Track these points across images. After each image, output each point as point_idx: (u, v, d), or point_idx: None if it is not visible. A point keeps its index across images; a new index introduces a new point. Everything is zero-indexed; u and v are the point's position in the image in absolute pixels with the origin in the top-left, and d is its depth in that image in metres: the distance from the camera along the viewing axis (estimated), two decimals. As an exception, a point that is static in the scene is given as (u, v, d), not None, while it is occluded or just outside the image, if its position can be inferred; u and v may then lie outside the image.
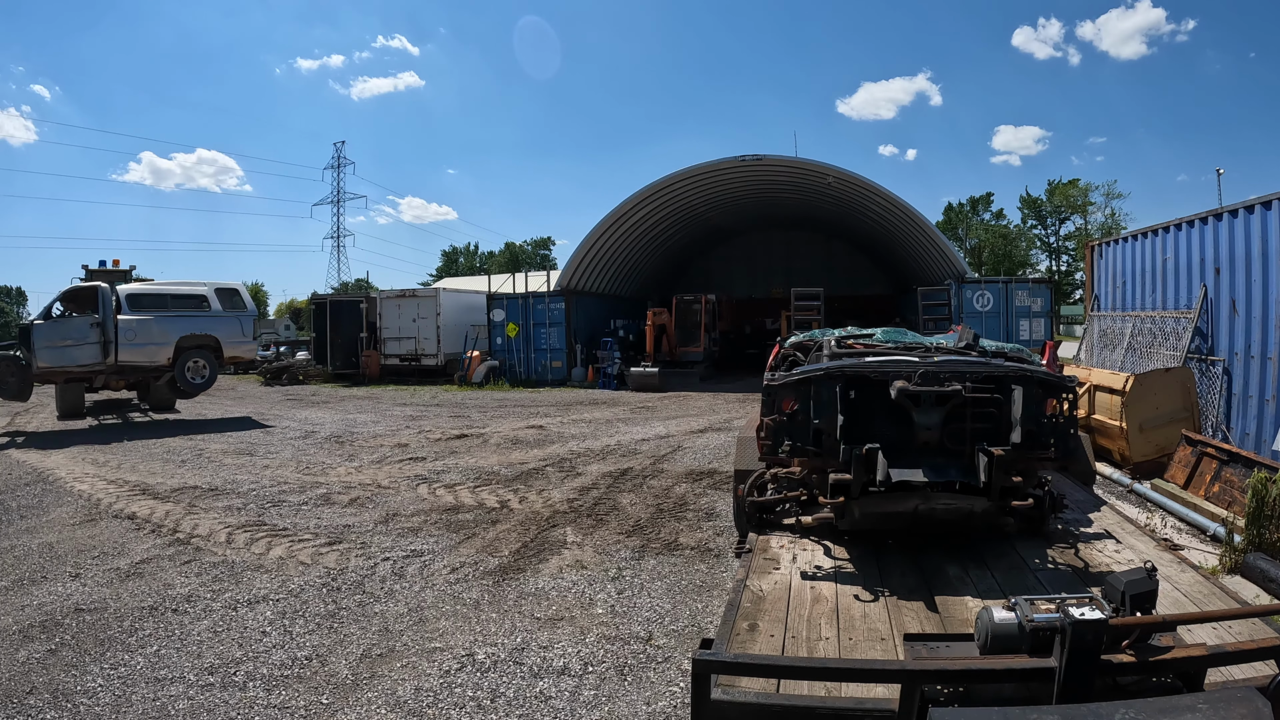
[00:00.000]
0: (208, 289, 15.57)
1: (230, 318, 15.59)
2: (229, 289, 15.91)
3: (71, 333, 14.04)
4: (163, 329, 14.79)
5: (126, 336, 14.33)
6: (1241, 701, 2.08)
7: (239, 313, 15.78)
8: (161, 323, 14.79)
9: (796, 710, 2.48)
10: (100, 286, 14.30)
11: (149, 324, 14.63)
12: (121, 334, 14.28)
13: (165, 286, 15.48)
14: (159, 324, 14.76)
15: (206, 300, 15.38)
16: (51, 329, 14.08)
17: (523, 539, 6.84)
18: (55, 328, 14.09)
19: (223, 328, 15.47)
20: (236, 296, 15.91)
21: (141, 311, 14.59)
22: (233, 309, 15.71)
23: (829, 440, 4.26)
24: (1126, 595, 2.41)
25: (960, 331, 5.40)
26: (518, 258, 78.20)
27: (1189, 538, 6.68)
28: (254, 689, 4.12)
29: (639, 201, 23.88)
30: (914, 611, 3.42)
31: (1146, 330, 11.92)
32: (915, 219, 22.29)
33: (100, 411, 17.13)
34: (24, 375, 14.41)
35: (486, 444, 12.26)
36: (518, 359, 24.16)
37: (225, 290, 15.79)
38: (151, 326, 14.66)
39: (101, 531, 7.34)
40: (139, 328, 14.48)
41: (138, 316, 14.51)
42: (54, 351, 13.93)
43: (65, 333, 14.05)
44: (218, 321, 15.42)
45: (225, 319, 15.51)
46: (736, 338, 30.69)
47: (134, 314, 14.48)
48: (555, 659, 4.42)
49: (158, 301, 14.92)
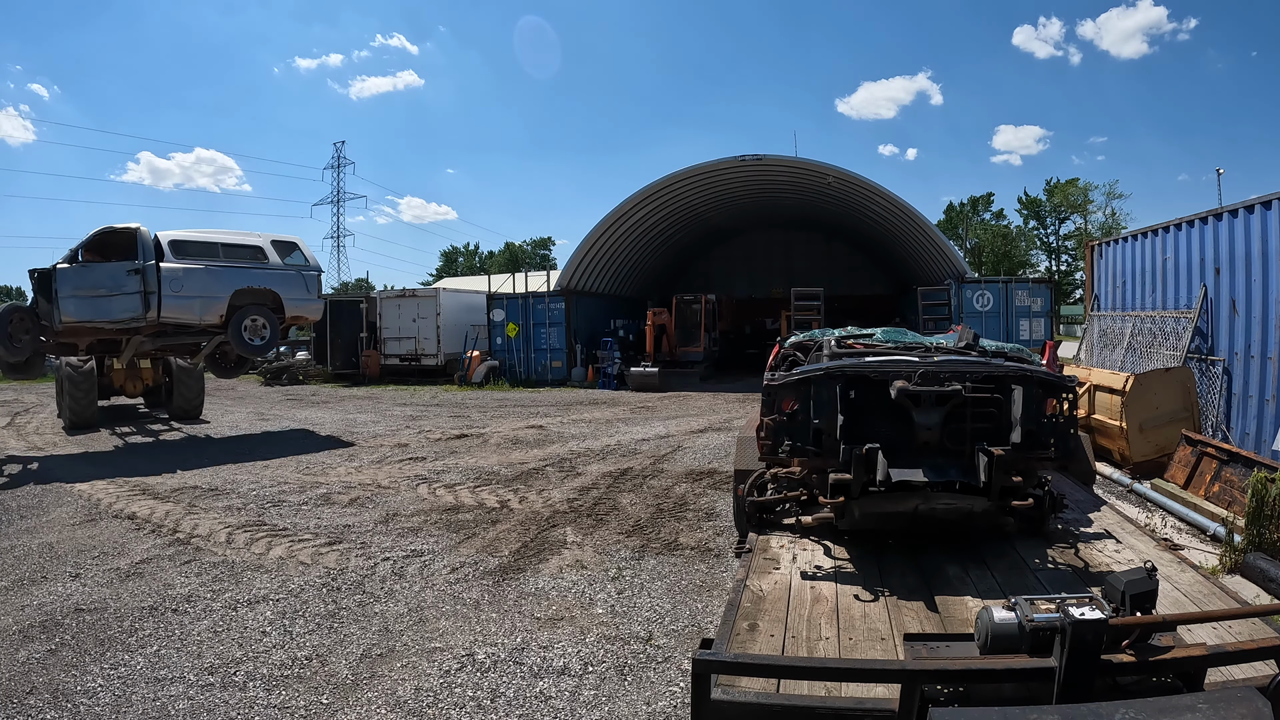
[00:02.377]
0: (263, 240, 13.17)
1: (292, 272, 13.17)
2: (287, 241, 13.56)
3: (105, 280, 11.49)
4: (214, 280, 12.29)
5: (172, 287, 11.84)
6: (1241, 701, 2.08)
7: (301, 267, 13.37)
8: (212, 273, 12.29)
9: (796, 710, 2.48)
10: (138, 229, 11.86)
11: (198, 273, 12.12)
12: (166, 284, 11.78)
13: (214, 234, 12.92)
14: (210, 275, 12.25)
15: (263, 252, 12.95)
16: (79, 274, 11.47)
17: (523, 539, 6.84)
18: (84, 273, 11.51)
19: (284, 283, 13.02)
20: (296, 250, 13.53)
21: (188, 260, 12.12)
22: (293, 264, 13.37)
23: (829, 440, 4.26)
24: (1126, 595, 2.41)
25: (960, 331, 5.40)
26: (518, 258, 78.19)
27: (1189, 538, 6.68)
28: (254, 689, 4.12)
29: (639, 201, 23.88)
30: (914, 611, 3.42)
31: (1146, 330, 11.92)
32: (915, 219, 22.29)
33: (112, 422, 15.15)
34: (40, 334, 11.79)
35: (486, 444, 12.27)
36: (518, 359, 24.17)
37: (283, 243, 13.44)
38: (201, 277, 12.16)
39: (101, 531, 7.33)
40: (186, 277, 12.00)
41: (184, 265, 12.03)
42: (83, 302, 11.38)
43: (97, 280, 11.48)
44: (278, 276, 12.96)
45: (286, 273, 13.09)
46: (736, 338, 30.70)
47: (179, 262, 12.01)
48: (555, 659, 4.42)
49: (207, 250, 12.45)
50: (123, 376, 15.39)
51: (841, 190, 23.56)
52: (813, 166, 22.55)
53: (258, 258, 12.86)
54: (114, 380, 15.28)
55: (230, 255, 12.61)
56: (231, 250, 12.69)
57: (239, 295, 12.48)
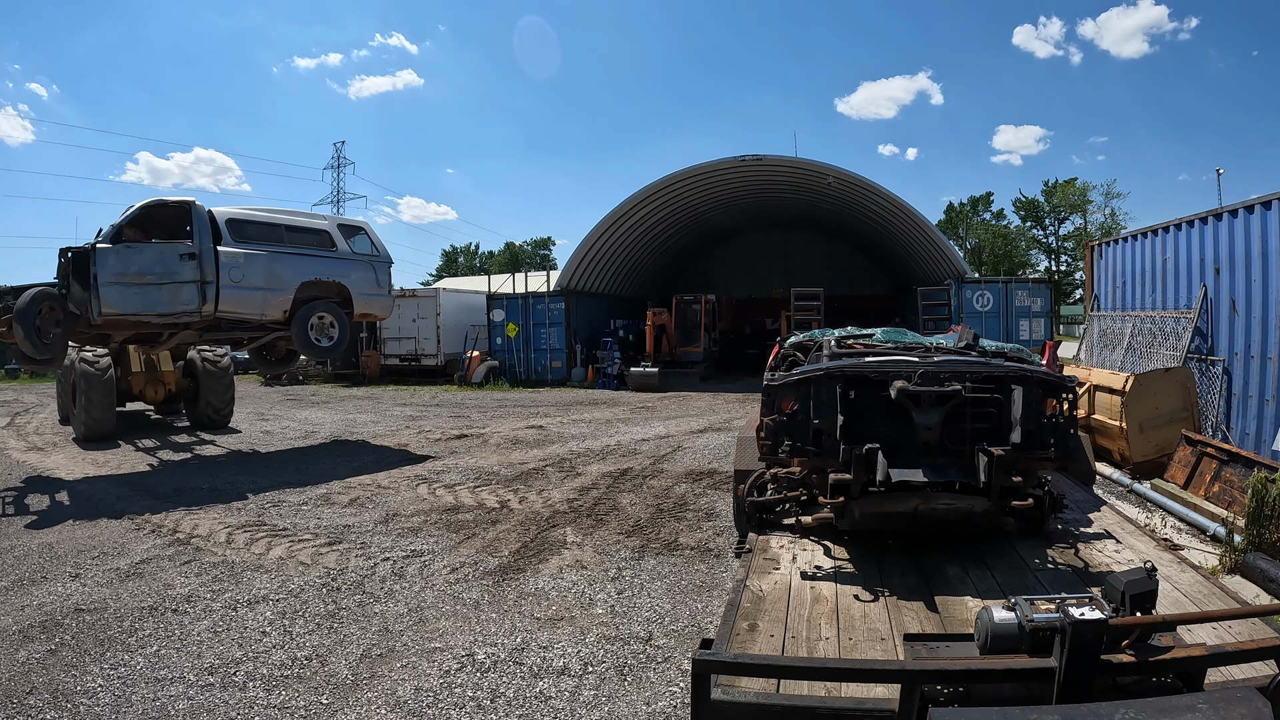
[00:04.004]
0: (329, 223, 11.56)
1: (361, 262, 11.51)
2: (354, 225, 11.92)
3: (154, 265, 9.71)
4: (279, 269, 10.58)
5: (231, 275, 10.08)
6: (1241, 701, 2.09)
7: (371, 256, 11.73)
8: (277, 260, 10.57)
9: (796, 710, 2.48)
10: (193, 204, 10.17)
11: (260, 260, 10.38)
12: (224, 272, 10.02)
13: (277, 215, 11.11)
14: (274, 262, 10.52)
15: (330, 237, 11.27)
16: (124, 257, 9.58)
17: (523, 539, 6.84)
18: (130, 256, 9.63)
19: (354, 274, 11.36)
20: (362, 236, 11.85)
21: (249, 244, 10.34)
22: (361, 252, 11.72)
23: (829, 440, 4.26)
24: (1126, 595, 2.41)
25: (960, 331, 5.40)
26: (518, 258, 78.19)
27: (1189, 538, 6.68)
28: (254, 689, 4.12)
29: (639, 201, 23.89)
30: (914, 611, 3.42)
31: (1146, 330, 11.92)
32: (915, 219, 22.30)
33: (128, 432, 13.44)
34: (72, 325, 9.84)
35: (486, 444, 12.27)
36: (518, 359, 24.17)
37: (349, 227, 11.78)
38: (264, 264, 10.42)
39: (101, 531, 7.33)
40: (248, 265, 10.23)
41: (245, 250, 10.25)
42: (127, 291, 9.53)
43: (145, 264, 9.69)
44: (347, 265, 11.30)
45: (356, 263, 11.43)
46: (736, 338, 30.70)
47: (239, 246, 10.24)
48: (555, 659, 4.42)
49: (270, 233, 10.70)
50: (143, 381, 13.77)
51: (841, 190, 23.57)
52: (813, 166, 22.56)
53: (324, 244, 11.18)
54: (133, 385, 13.67)
55: (295, 240, 10.89)
56: (296, 234, 10.95)
57: (305, 287, 10.79)
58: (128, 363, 13.55)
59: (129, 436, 13.08)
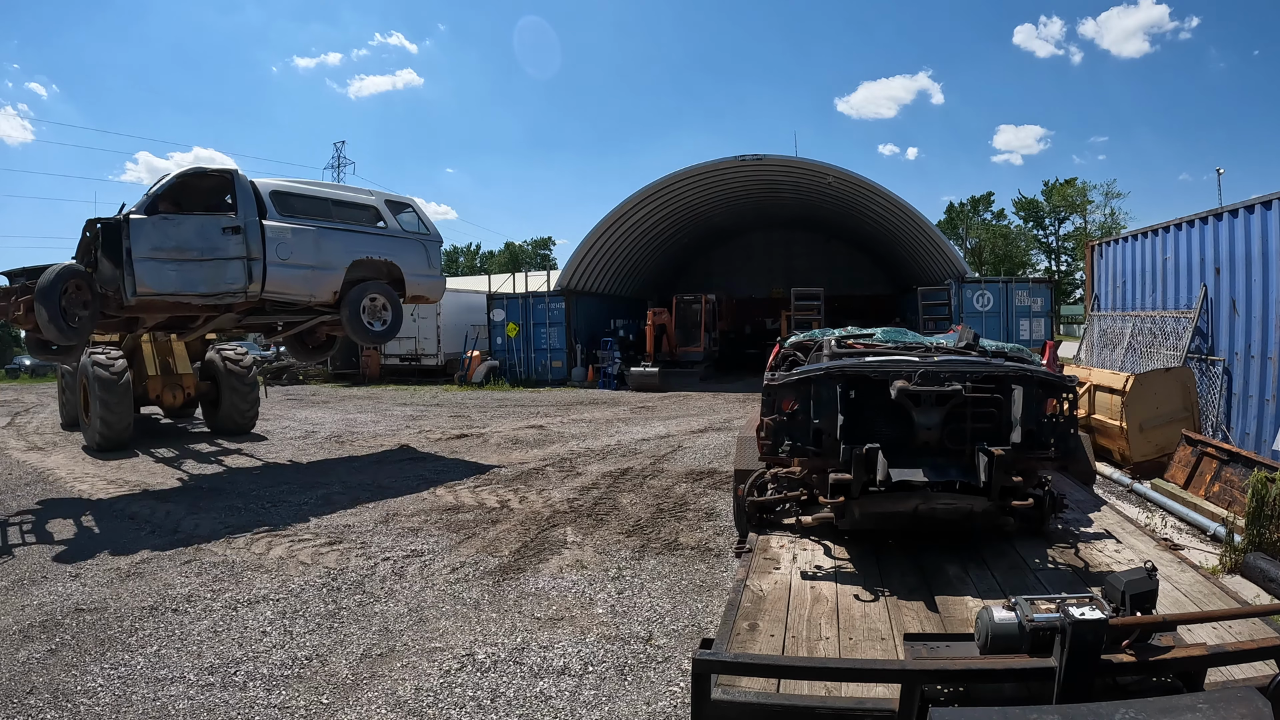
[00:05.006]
0: (376, 198, 10.55)
1: (412, 240, 10.66)
2: (401, 202, 10.89)
3: (195, 239, 8.66)
4: (328, 246, 9.64)
5: (279, 253, 9.13)
6: (1241, 701, 2.09)
7: (422, 235, 10.86)
8: (326, 237, 9.63)
9: (796, 710, 2.48)
10: (235, 173, 9.21)
11: (309, 236, 9.43)
12: (271, 248, 9.07)
13: (323, 188, 10.31)
14: (323, 239, 9.59)
15: (378, 213, 10.39)
16: (161, 230, 8.49)
17: (523, 539, 6.85)
18: (167, 229, 8.55)
19: (405, 253, 10.48)
20: (410, 213, 10.91)
21: (296, 219, 9.40)
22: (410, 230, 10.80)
23: (829, 440, 4.26)
24: (1126, 595, 2.41)
25: (960, 331, 5.40)
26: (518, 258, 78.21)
27: (1189, 538, 6.68)
28: (254, 689, 4.12)
29: (639, 201, 23.89)
30: (914, 611, 3.42)
31: (1146, 330, 11.92)
32: (915, 219, 22.30)
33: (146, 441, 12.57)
34: (100, 307, 8.63)
35: (487, 444, 12.27)
36: (518, 359, 24.18)
37: (397, 203, 10.77)
38: (313, 240, 9.48)
39: (101, 531, 7.33)
40: (296, 241, 9.29)
41: (292, 225, 9.32)
42: (165, 268, 8.46)
43: (185, 238, 8.61)
44: (399, 244, 10.43)
45: (407, 241, 10.57)
46: (736, 338, 30.71)
47: (285, 221, 9.29)
48: (555, 659, 4.42)
49: (316, 207, 9.79)
50: (160, 384, 12.79)
51: (841, 190, 23.57)
52: (813, 166, 22.56)
53: (372, 220, 10.29)
54: (149, 389, 12.72)
55: (343, 215, 9.99)
56: (344, 210, 10.07)
57: (356, 267, 9.90)
58: (142, 364, 12.72)
59: (143, 444, 12.29)
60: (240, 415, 13.36)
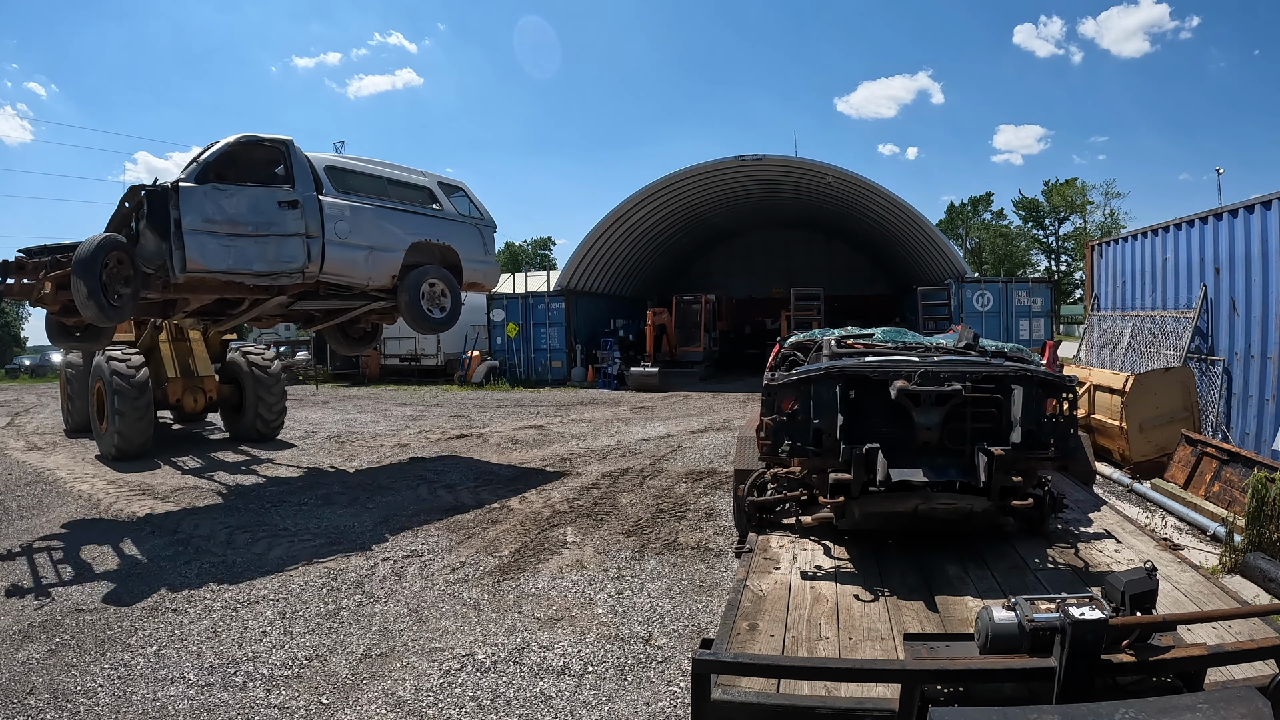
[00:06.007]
0: (429, 179, 9.83)
1: (468, 224, 9.95)
2: (453, 184, 10.15)
3: (249, 212, 7.83)
4: (388, 226, 8.92)
5: (337, 231, 8.37)
6: (1241, 701, 2.09)
7: (476, 219, 10.14)
8: (385, 217, 8.91)
9: (796, 710, 2.48)
10: (290, 143, 8.38)
11: (367, 215, 8.70)
12: (329, 226, 8.30)
13: (377, 166, 9.38)
14: (382, 218, 8.87)
15: (433, 195, 9.70)
16: (214, 200, 7.64)
17: (523, 539, 6.85)
18: (220, 199, 7.69)
19: (462, 237, 9.76)
20: (461, 196, 10.15)
21: (353, 196, 8.67)
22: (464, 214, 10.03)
23: (829, 440, 4.26)
24: (1126, 595, 2.41)
25: (960, 331, 5.40)
26: (518, 258, 78.17)
27: (1189, 538, 6.68)
28: (254, 689, 4.12)
29: (639, 201, 23.90)
30: (914, 611, 3.42)
31: (1146, 330, 11.92)
32: (915, 219, 22.31)
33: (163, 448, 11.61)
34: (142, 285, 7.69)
35: (486, 444, 12.27)
36: (518, 359, 24.19)
37: (449, 185, 10.05)
38: (371, 220, 8.74)
39: (101, 531, 7.33)
40: (355, 220, 8.55)
41: (350, 203, 8.57)
42: (218, 243, 7.61)
43: (239, 210, 7.78)
44: (455, 227, 9.71)
45: (463, 224, 9.86)
46: (736, 338, 30.73)
47: (342, 198, 8.54)
48: (555, 659, 4.42)
49: (372, 185, 9.03)
50: (180, 388, 11.89)
51: (841, 190, 23.57)
52: (813, 166, 22.57)
53: (428, 202, 9.60)
54: (168, 393, 11.79)
55: (400, 196, 9.30)
56: (400, 189, 9.37)
57: (414, 250, 9.17)
58: (160, 366, 11.86)
59: (161, 452, 11.41)
60: (266, 422, 12.54)
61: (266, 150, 8.28)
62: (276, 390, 12.62)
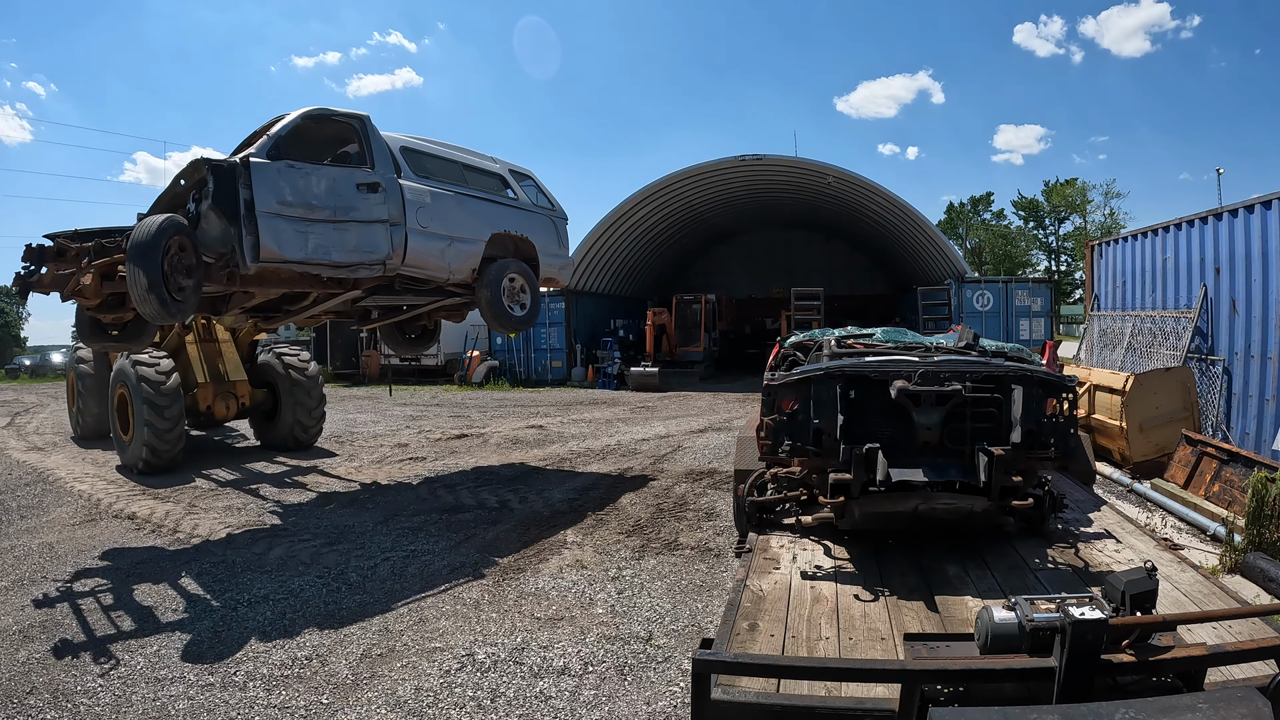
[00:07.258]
0: (502, 166, 8.98)
1: (543, 215, 9.17)
2: (523, 173, 9.31)
3: (327, 195, 6.86)
4: (469, 216, 8.05)
5: (419, 219, 7.48)
6: (1241, 701, 2.09)
7: (549, 210, 9.34)
8: (465, 205, 8.03)
9: (796, 710, 2.48)
10: (367, 119, 7.47)
11: (448, 202, 7.81)
12: (411, 213, 7.40)
13: (451, 150, 8.42)
14: (462, 206, 7.99)
15: (508, 184, 8.86)
16: (289, 179, 6.61)
17: (523, 539, 6.84)
18: (295, 179, 6.66)
19: (538, 229, 8.98)
20: (531, 185, 9.35)
21: (431, 181, 7.77)
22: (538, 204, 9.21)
23: (829, 440, 4.26)
24: (1126, 595, 2.41)
25: (960, 331, 5.40)
26: (518, 258, 78.10)
27: (1189, 537, 6.68)
28: (254, 689, 4.12)
29: (639, 201, 23.90)
30: (914, 611, 3.42)
31: (1146, 330, 11.92)
32: (915, 218, 22.31)
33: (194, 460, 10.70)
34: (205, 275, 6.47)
35: (486, 444, 12.27)
36: (518, 359, 24.19)
37: (520, 174, 9.20)
38: (453, 207, 7.86)
39: (102, 531, 7.33)
40: (436, 207, 7.65)
41: (430, 188, 7.67)
42: (295, 229, 6.59)
43: (315, 192, 6.79)
44: (531, 218, 8.91)
45: (538, 215, 9.06)
46: (736, 338, 30.74)
47: (421, 182, 7.64)
48: (555, 659, 4.42)
49: (450, 170, 8.16)
50: (211, 393, 10.92)
51: (841, 190, 23.57)
52: (813, 166, 22.57)
53: (502, 189, 8.77)
54: (199, 399, 10.82)
55: (477, 182, 8.41)
56: (476, 176, 8.48)
57: (494, 241, 8.31)
58: (188, 370, 10.88)
59: (190, 463, 10.45)
60: (305, 428, 11.65)
61: (338, 126, 7.43)
62: (315, 394, 11.71)
